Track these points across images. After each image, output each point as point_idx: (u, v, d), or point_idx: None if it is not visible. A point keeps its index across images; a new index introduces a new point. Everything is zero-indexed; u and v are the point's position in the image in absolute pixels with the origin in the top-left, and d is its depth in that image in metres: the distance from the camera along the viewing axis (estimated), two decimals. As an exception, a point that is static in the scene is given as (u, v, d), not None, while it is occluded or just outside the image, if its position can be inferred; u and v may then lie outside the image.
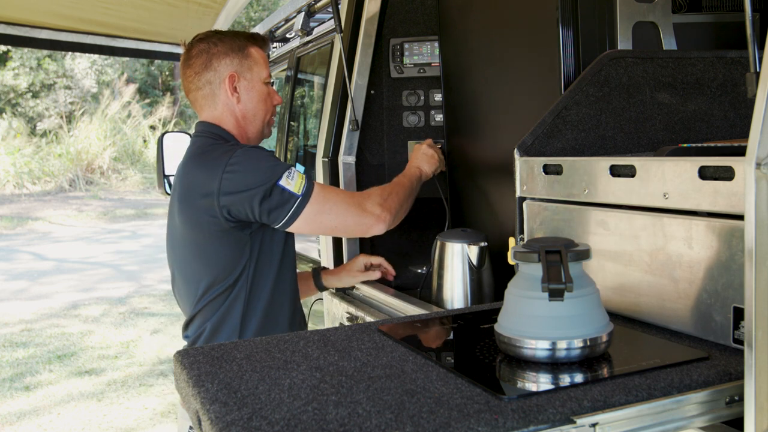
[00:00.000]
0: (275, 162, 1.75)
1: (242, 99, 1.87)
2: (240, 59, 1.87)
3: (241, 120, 1.89)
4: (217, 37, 1.88)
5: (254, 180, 1.69)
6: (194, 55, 1.86)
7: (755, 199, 0.86)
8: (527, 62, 1.81)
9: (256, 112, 1.90)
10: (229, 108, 1.87)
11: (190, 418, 1.04)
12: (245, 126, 1.89)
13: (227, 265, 1.76)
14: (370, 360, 1.09)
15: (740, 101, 1.59)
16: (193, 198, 1.73)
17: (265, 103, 1.91)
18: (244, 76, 1.87)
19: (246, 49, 1.88)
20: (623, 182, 1.20)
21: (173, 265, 1.91)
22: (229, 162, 1.69)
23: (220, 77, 1.85)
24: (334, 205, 1.78)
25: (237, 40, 1.88)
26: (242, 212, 1.70)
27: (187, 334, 1.88)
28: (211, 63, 1.85)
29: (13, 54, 17.35)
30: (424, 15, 2.40)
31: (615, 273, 1.26)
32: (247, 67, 1.88)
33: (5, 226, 13.00)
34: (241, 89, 1.87)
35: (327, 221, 1.78)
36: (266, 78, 1.91)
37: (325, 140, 2.49)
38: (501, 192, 1.95)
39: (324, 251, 2.56)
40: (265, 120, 1.93)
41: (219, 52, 1.85)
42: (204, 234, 1.75)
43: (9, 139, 16.68)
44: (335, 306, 2.39)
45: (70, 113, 17.60)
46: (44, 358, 5.85)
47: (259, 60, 1.90)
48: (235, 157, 1.70)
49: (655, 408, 0.93)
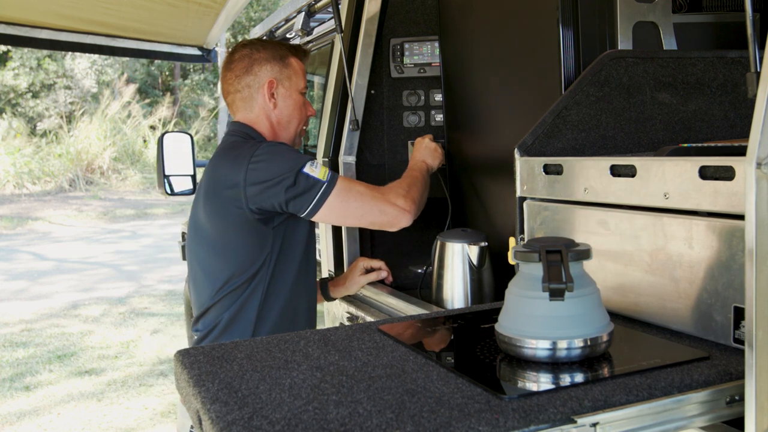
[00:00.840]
0: (299, 154, 1.82)
1: (279, 105, 1.94)
2: (281, 67, 1.94)
3: (276, 125, 1.95)
4: (261, 44, 1.96)
5: (279, 169, 1.73)
6: (236, 59, 1.94)
7: (755, 199, 0.86)
8: (527, 62, 1.81)
9: (290, 119, 1.97)
10: (265, 112, 1.94)
11: (191, 417, 1.04)
12: (278, 131, 1.96)
13: (248, 259, 1.79)
14: (371, 360, 1.09)
15: (740, 101, 1.59)
16: (220, 189, 1.78)
17: (300, 112, 1.98)
18: (283, 83, 1.95)
19: (287, 59, 1.96)
20: (623, 182, 1.20)
21: (193, 258, 1.93)
22: (255, 154, 1.75)
23: (259, 82, 1.93)
24: (359, 194, 1.80)
25: (279, 49, 1.96)
26: (268, 202, 1.73)
27: (198, 328, 1.88)
28: (252, 68, 1.93)
29: (13, 54, 17.35)
30: (424, 15, 2.40)
31: (615, 273, 1.26)
32: (287, 76, 1.95)
33: (5, 226, 13.00)
34: (278, 96, 1.94)
35: (352, 211, 1.80)
36: (303, 89, 1.98)
37: (325, 140, 2.49)
38: (501, 192, 1.95)
39: (324, 252, 2.56)
40: (298, 129, 2.00)
41: (261, 58, 1.93)
42: (228, 226, 1.78)
43: (9, 139, 16.68)
44: (335, 306, 2.39)
45: (70, 113, 17.60)
46: (44, 358, 5.85)
47: (299, 71, 1.98)
48: (260, 149, 1.76)
49: (655, 408, 0.93)
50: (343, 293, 2.25)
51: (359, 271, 2.20)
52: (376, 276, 2.19)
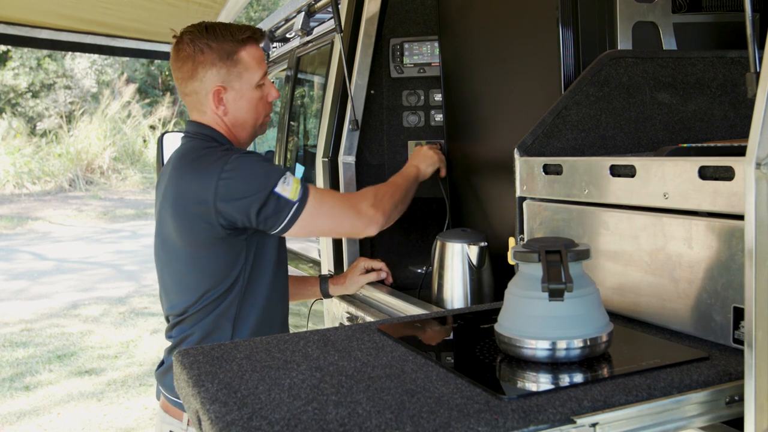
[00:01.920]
0: (270, 168, 1.71)
1: (230, 110, 1.80)
2: (228, 68, 1.77)
3: (231, 127, 1.84)
4: (205, 40, 1.76)
5: (250, 188, 1.66)
6: (181, 58, 1.78)
7: (755, 199, 0.86)
8: (527, 62, 1.81)
9: (245, 119, 1.83)
10: (217, 117, 1.82)
11: (190, 417, 1.04)
12: (235, 132, 1.85)
13: (223, 271, 1.74)
14: (370, 360, 1.09)
15: (740, 101, 1.59)
16: (188, 206, 1.70)
17: (256, 109, 1.84)
18: (233, 86, 1.79)
19: (235, 55, 1.77)
20: (623, 182, 1.20)
21: (164, 268, 1.87)
22: (224, 169, 1.66)
23: (206, 89, 1.77)
24: (329, 208, 1.77)
25: (226, 43, 1.76)
26: (238, 219, 1.68)
27: (172, 335, 1.85)
28: (197, 72, 1.76)
29: (13, 54, 17.35)
30: (424, 15, 2.40)
31: (615, 273, 1.26)
32: (236, 75, 1.78)
33: (5, 226, 13.00)
34: (228, 101, 1.79)
35: (321, 225, 1.78)
36: (259, 80, 1.82)
37: (325, 140, 2.49)
38: (501, 192, 1.95)
39: (324, 251, 2.56)
40: (256, 124, 1.87)
41: (205, 61, 1.75)
42: (199, 241, 1.72)
43: (9, 139, 16.68)
44: (335, 306, 2.39)
45: (70, 113, 17.61)
46: (44, 358, 5.85)
47: (251, 63, 1.80)
48: (230, 164, 1.66)
49: (655, 408, 0.93)
50: (342, 292, 2.24)
51: (359, 271, 2.19)
52: (376, 276, 2.18)
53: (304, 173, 3.93)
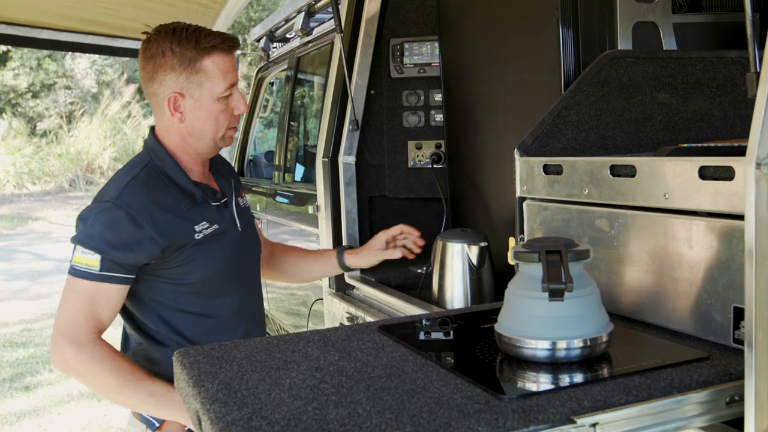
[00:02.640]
0: (97, 238, 1.61)
1: (186, 118, 1.70)
2: (188, 75, 1.66)
3: (187, 137, 1.72)
4: (169, 43, 1.67)
5: (76, 233, 1.65)
6: (145, 57, 1.69)
7: (755, 199, 0.86)
8: (527, 62, 1.81)
9: (203, 131, 1.71)
10: (172, 124, 1.71)
11: (190, 417, 1.04)
12: (190, 143, 1.73)
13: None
14: (370, 360, 1.09)
15: (740, 101, 1.59)
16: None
17: (216, 121, 1.71)
18: (191, 94, 1.68)
19: (197, 62, 1.67)
20: (623, 182, 1.20)
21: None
22: (82, 212, 1.66)
23: (163, 93, 1.68)
24: (63, 304, 1.70)
25: (189, 50, 1.66)
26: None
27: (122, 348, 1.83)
28: (157, 75, 1.68)
29: (13, 54, 17.35)
30: (424, 15, 2.40)
31: (615, 273, 1.26)
32: (196, 84, 1.67)
33: (5, 226, 13.00)
34: (185, 108, 1.69)
35: (60, 303, 1.72)
36: (222, 92, 1.70)
37: (325, 140, 2.49)
38: (501, 192, 1.95)
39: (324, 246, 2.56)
40: (216, 136, 1.74)
41: (165, 65, 1.66)
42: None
43: (9, 139, 16.69)
44: (335, 306, 2.39)
45: (70, 113, 17.61)
46: (44, 358, 5.85)
47: (214, 73, 1.68)
48: (87, 211, 1.65)
49: (655, 408, 0.93)
50: (359, 264, 2.13)
51: (377, 245, 2.09)
52: (394, 255, 2.06)
53: (304, 173, 3.94)
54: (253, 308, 1.88)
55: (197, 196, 1.70)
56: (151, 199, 1.63)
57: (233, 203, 1.81)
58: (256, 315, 1.89)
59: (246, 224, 1.84)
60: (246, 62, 15.54)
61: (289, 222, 3.64)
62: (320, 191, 2.54)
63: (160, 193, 1.66)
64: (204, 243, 1.68)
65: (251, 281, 1.87)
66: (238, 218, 1.80)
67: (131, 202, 1.61)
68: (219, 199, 1.76)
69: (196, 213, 1.69)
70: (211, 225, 1.70)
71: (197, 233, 1.67)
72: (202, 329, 1.74)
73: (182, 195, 1.68)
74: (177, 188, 1.68)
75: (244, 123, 4.87)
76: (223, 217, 1.75)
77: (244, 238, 1.82)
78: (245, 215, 1.86)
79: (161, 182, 1.68)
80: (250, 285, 1.86)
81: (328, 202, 2.47)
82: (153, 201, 1.63)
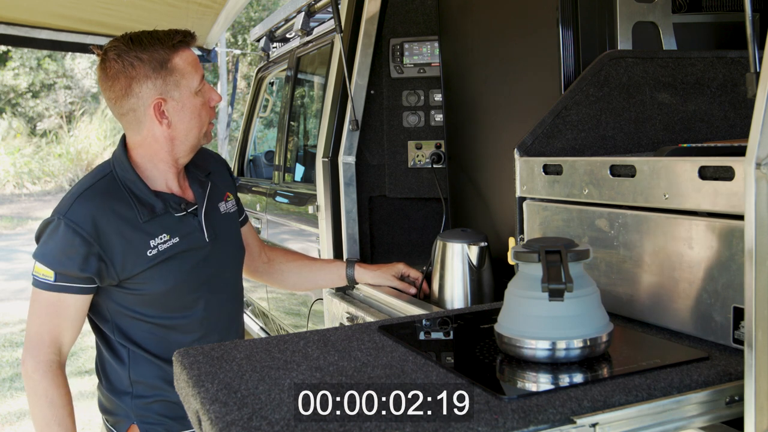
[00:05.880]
0: (49, 255, 1.63)
1: (173, 122, 1.67)
2: (164, 78, 1.64)
3: (171, 142, 1.70)
4: (134, 53, 1.62)
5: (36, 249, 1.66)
6: (111, 76, 1.64)
7: (755, 199, 0.86)
8: (527, 62, 1.81)
9: (189, 130, 1.70)
10: (157, 133, 1.68)
11: (190, 418, 1.04)
12: (174, 147, 1.71)
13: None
14: (370, 360, 1.09)
15: (740, 101, 1.59)
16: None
17: (200, 117, 1.71)
18: (172, 96, 1.65)
19: (169, 63, 1.64)
20: (623, 182, 1.20)
21: None
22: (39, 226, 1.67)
23: (144, 104, 1.64)
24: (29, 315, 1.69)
25: (156, 52, 1.63)
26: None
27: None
28: (131, 89, 1.63)
29: (13, 54, 17.35)
30: (424, 15, 2.40)
31: (615, 273, 1.26)
32: (174, 85, 1.65)
33: (5, 226, 13.00)
34: (170, 113, 1.66)
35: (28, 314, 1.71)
36: (198, 86, 1.69)
37: (325, 140, 2.49)
38: (501, 192, 1.95)
39: (324, 252, 2.56)
40: (201, 133, 1.73)
41: (139, 75, 1.62)
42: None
43: (9, 139, 16.70)
44: (335, 306, 2.39)
45: (70, 113, 17.62)
46: (44, 358, 5.86)
47: (186, 69, 1.67)
48: (42, 226, 1.66)
49: (655, 408, 0.93)
50: (368, 280, 2.14)
51: (395, 272, 2.10)
52: (404, 287, 2.09)
53: (304, 173, 3.94)
54: (223, 319, 1.83)
55: (157, 208, 1.66)
56: (103, 211, 1.62)
57: (203, 212, 1.75)
58: (225, 325, 1.84)
59: (220, 233, 1.79)
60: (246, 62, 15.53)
61: (289, 222, 3.64)
62: (320, 191, 2.54)
63: (117, 204, 1.64)
64: (158, 257, 1.66)
65: (223, 292, 1.82)
66: (208, 228, 1.75)
67: (78, 219, 1.60)
68: (184, 209, 1.70)
69: (155, 225, 1.66)
70: (171, 237, 1.67)
71: (151, 249, 1.65)
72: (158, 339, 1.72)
73: (140, 206, 1.65)
74: (136, 199, 1.65)
75: (244, 123, 4.87)
76: (187, 228, 1.71)
77: (215, 248, 1.76)
78: (223, 223, 1.82)
79: (120, 192, 1.65)
80: (219, 297, 1.80)
81: (328, 202, 2.47)
82: (106, 213, 1.62)
